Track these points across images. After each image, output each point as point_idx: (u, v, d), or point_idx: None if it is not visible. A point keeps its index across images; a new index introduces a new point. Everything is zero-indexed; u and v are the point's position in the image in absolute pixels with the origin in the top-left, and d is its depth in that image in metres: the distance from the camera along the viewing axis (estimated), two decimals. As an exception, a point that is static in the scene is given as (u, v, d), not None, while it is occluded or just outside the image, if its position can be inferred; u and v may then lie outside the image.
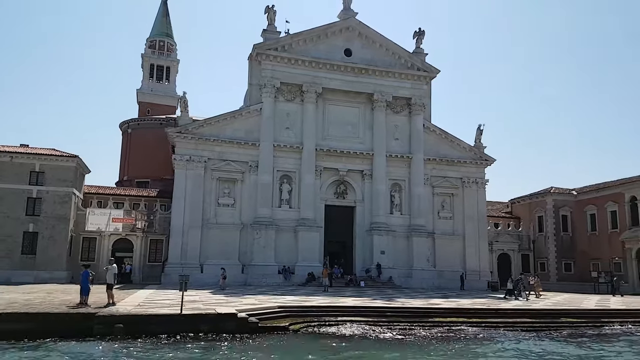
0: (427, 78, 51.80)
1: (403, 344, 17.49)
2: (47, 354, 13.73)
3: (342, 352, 15.67)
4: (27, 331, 15.02)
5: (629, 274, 47.32)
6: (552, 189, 56.71)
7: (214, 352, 14.54)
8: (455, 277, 48.31)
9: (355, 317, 20.16)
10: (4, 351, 13.62)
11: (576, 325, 21.55)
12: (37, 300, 21.48)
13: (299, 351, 15.54)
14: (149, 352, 14.02)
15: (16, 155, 42.21)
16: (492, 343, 18.19)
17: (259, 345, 15.71)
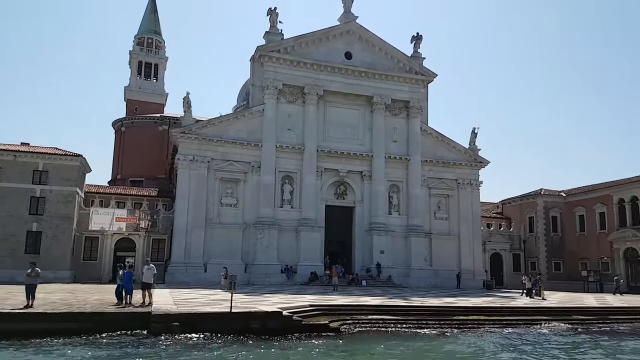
0: (425, 82, 53.05)
1: (450, 338, 18.61)
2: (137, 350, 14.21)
3: (405, 345, 16.58)
4: (82, 330, 15.49)
5: (617, 273, 49.23)
6: (542, 190, 58.60)
7: (292, 349, 15.29)
8: (450, 277, 49.65)
9: (383, 315, 21.05)
10: (90, 348, 14.06)
11: (589, 322, 22.87)
12: (70, 300, 21.81)
13: (365, 345, 16.42)
14: (229, 349, 14.62)
15: (19, 154, 42.02)
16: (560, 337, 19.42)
17: (326, 342, 16.52)
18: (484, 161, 54.23)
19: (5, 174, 41.35)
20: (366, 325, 19.71)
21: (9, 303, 19.71)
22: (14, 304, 19.27)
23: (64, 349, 14.14)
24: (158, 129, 71.67)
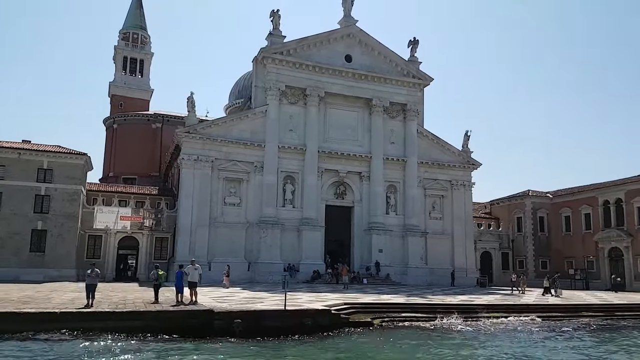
0: (421, 85, 54.57)
1: (488, 333, 19.99)
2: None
3: (458, 340, 17.79)
4: (149, 328, 16.21)
5: (602, 271, 51.81)
6: (530, 191, 60.92)
7: (365, 342, 16.35)
8: (444, 274, 51.35)
9: (412, 312, 22.26)
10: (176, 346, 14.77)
11: (600, 317, 24.63)
12: (113, 298, 22.36)
13: (420, 341, 17.67)
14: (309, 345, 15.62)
15: (24, 151, 41.85)
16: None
17: (385, 338, 17.65)
18: (476, 163, 56.10)
19: (9, 172, 41.15)
20: (403, 321, 20.87)
21: (57, 302, 20.20)
22: (63, 303, 19.80)
23: (160, 345, 14.88)
24: (151, 126, 71.54)
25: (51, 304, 18.98)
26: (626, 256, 49.84)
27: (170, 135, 70.59)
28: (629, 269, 49.23)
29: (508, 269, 58.44)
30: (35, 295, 23.66)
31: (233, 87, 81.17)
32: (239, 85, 78.73)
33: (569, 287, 51.44)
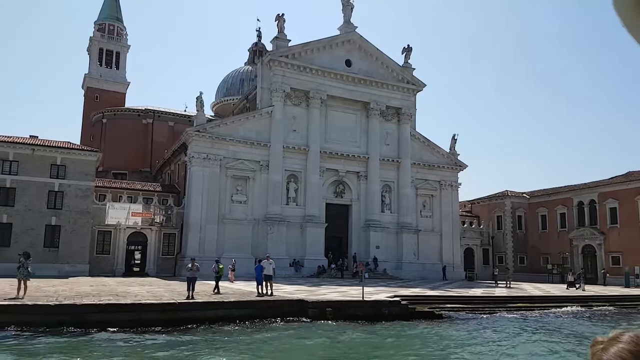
0: (415, 91, 57.61)
1: (543, 322, 23.12)
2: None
3: (525, 324, 20.58)
4: (247, 316, 18.09)
5: (576, 266, 56.36)
6: (508, 192, 65.23)
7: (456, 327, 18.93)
8: (433, 269, 54.70)
9: (451, 304, 24.91)
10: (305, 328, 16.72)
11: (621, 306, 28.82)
12: (181, 291, 23.99)
13: (492, 325, 20.38)
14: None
15: (37, 147, 42.09)
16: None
17: (450, 325, 20.28)
18: (462, 165, 59.72)
19: (23, 167, 41.34)
20: (451, 311, 23.49)
21: (142, 295, 21.70)
22: (138, 295, 21.34)
23: (281, 329, 16.88)
24: (142, 122, 71.64)
25: (141, 297, 20.49)
26: (599, 253, 54.62)
27: (161, 131, 71.46)
28: (601, 264, 53.98)
29: (488, 264, 62.52)
30: (103, 289, 24.92)
31: (220, 84, 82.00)
32: (227, 82, 79.75)
33: (545, 281, 55.93)
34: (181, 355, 13.48)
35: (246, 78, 77.58)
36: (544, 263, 60.02)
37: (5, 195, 40.76)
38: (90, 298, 19.46)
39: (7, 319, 15.47)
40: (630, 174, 54.74)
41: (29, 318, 15.65)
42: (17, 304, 16.62)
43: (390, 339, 16.59)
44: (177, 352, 13.88)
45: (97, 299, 19.40)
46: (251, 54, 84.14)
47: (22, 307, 16.20)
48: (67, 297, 19.83)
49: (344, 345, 15.32)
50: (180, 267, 45.55)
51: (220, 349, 14.33)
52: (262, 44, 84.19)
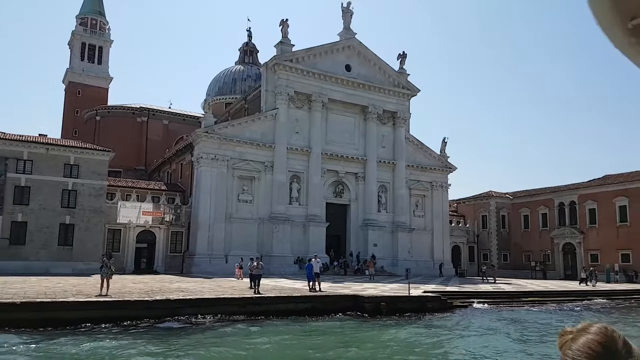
0: (409, 95, 60.21)
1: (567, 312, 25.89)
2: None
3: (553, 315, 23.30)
4: (311, 310, 20.00)
5: (556, 263, 60.39)
6: (492, 192, 68.78)
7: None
8: (426, 266, 57.57)
9: (478, 298, 27.31)
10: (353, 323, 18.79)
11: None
12: (218, 288, 25.69)
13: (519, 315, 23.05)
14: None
15: (51, 147, 42.67)
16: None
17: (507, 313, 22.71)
18: (452, 167, 62.78)
19: (38, 166, 41.87)
20: (479, 304, 25.95)
21: (201, 292, 23.31)
22: (193, 290, 22.98)
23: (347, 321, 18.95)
24: (136, 120, 71.93)
25: (202, 293, 22.13)
26: (578, 250, 58.59)
27: (156, 129, 72.05)
28: (581, 261, 57.93)
29: (474, 261, 65.95)
30: (155, 285, 26.37)
31: (212, 83, 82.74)
32: (219, 81, 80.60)
33: (528, 277, 59.59)
34: (305, 341, 15.42)
35: (238, 77, 78.72)
36: (526, 260, 63.77)
37: (20, 194, 41.23)
38: (158, 294, 20.98)
39: (117, 314, 16.92)
40: (607, 177, 58.87)
41: (133, 313, 17.12)
42: (124, 300, 18.04)
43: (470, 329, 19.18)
44: (291, 338, 15.84)
45: (163, 295, 20.89)
46: (242, 54, 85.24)
47: (128, 303, 17.63)
48: (138, 294, 21.26)
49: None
50: (189, 265, 46.97)
51: (321, 335, 16.37)
52: (252, 44, 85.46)
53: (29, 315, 15.67)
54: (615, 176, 57.80)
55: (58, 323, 16.00)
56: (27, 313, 15.66)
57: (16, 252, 40.38)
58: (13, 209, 40.81)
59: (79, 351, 13.32)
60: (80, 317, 16.39)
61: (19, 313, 15.77)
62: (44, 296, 18.77)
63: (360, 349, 14.76)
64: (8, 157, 40.98)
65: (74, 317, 16.27)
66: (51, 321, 15.88)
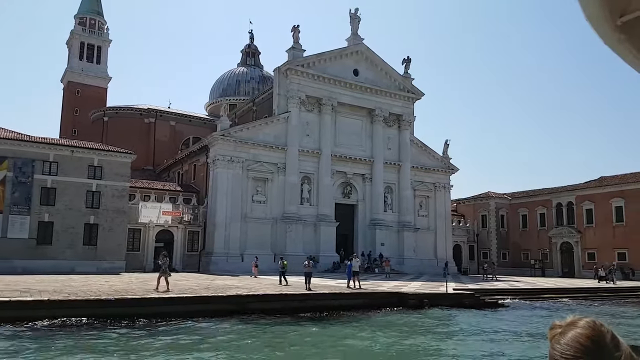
0: (414, 99, 62.30)
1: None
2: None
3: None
4: (361, 305, 21.83)
5: (554, 261, 62.99)
6: (491, 193, 71.22)
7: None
8: (430, 264, 59.65)
9: (505, 295, 29.31)
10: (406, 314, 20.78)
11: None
12: (258, 285, 27.40)
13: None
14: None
15: (76, 149, 43.86)
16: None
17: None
18: (454, 168, 65.04)
19: (63, 168, 43.04)
20: (507, 300, 28.01)
21: (250, 289, 24.98)
22: (238, 287, 24.65)
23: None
24: (144, 121, 72.91)
25: (253, 290, 23.80)
26: (576, 249, 61.24)
27: (163, 130, 73.17)
28: (578, 259, 60.62)
29: (474, 259, 68.35)
30: (202, 283, 27.96)
31: (215, 85, 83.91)
32: (223, 83, 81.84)
33: (527, 274, 62.05)
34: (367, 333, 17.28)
35: (242, 79, 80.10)
36: (524, 259, 66.30)
37: (46, 195, 42.40)
38: (218, 290, 22.63)
39: (201, 308, 18.53)
40: (603, 179, 61.59)
41: (213, 307, 18.74)
42: (207, 296, 19.64)
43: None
44: (356, 328, 17.65)
45: (222, 291, 22.55)
46: (244, 55, 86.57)
47: (211, 298, 19.24)
48: (196, 290, 22.86)
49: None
50: (206, 263, 48.44)
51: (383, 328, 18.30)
52: (254, 46, 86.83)
53: (120, 310, 17.22)
54: (611, 178, 60.51)
55: (145, 316, 17.62)
56: (120, 309, 17.21)
57: (43, 252, 41.57)
58: (40, 209, 41.98)
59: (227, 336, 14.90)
60: (164, 311, 17.98)
61: (113, 309, 17.31)
62: (115, 293, 20.29)
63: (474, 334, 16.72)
64: (35, 159, 42.10)
65: (159, 311, 17.86)
66: (141, 316, 17.47)
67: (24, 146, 42.11)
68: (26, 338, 14.45)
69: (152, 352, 13.49)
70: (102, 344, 14.16)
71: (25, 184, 41.73)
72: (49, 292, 19.34)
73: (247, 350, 14.08)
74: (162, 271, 22.08)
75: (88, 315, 16.62)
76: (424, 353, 14.46)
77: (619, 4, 1.26)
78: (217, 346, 14.43)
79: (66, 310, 16.17)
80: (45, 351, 13.06)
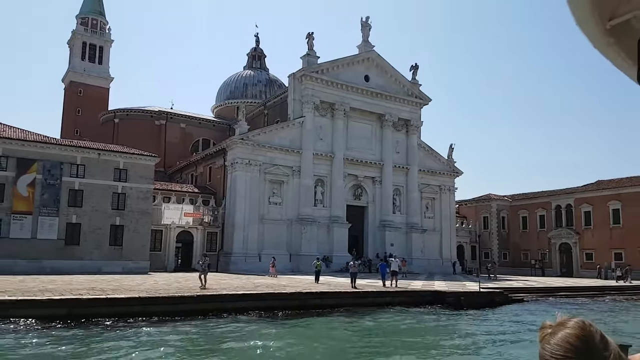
0: (421, 104, 64.38)
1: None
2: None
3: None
4: (404, 303, 23.70)
5: (553, 261, 65.53)
6: (492, 195, 73.65)
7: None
8: (436, 264, 61.84)
9: (523, 294, 31.39)
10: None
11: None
12: (299, 284, 29.17)
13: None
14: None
15: (103, 152, 45.17)
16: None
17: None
18: (459, 171, 67.30)
19: (90, 171, 44.31)
20: (531, 299, 30.10)
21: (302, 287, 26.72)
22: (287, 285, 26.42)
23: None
24: (154, 122, 74.07)
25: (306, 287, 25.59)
26: (574, 250, 63.84)
27: (174, 132, 74.40)
28: (576, 259, 63.23)
29: (476, 259, 70.72)
30: (236, 283, 29.60)
31: (222, 88, 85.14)
32: (230, 85, 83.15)
33: (527, 274, 64.49)
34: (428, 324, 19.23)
35: (249, 83, 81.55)
36: (524, 259, 68.82)
37: (74, 197, 43.64)
38: (272, 288, 24.40)
39: (252, 305, 20.25)
40: (600, 182, 64.25)
41: (277, 303, 20.49)
42: (261, 293, 21.34)
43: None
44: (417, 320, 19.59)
45: (273, 289, 24.28)
46: (250, 59, 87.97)
47: (264, 295, 20.95)
48: (249, 288, 24.55)
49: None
50: (225, 263, 49.99)
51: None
52: (260, 49, 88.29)
53: (202, 306, 18.90)
54: (608, 181, 63.18)
55: (224, 311, 19.38)
56: (202, 304, 18.88)
57: (71, 252, 42.83)
58: (68, 211, 43.21)
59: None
60: (241, 307, 19.71)
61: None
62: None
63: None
64: (63, 162, 43.33)
65: (237, 307, 19.59)
66: (225, 310, 19.23)
67: (52, 149, 43.30)
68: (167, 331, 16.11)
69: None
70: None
71: (54, 186, 42.93)
72: (137, 291, 20.88)
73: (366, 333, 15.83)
74: (202, 270, 23.94)
75: (175, 312, 18.25)
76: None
77: (608, 7, 1.28)
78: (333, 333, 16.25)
79: (159, 307, 17.76)
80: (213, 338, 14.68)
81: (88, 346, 13.78)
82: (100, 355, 12.89)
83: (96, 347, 13.61)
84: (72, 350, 13.33)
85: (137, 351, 13.31)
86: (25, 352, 12.84)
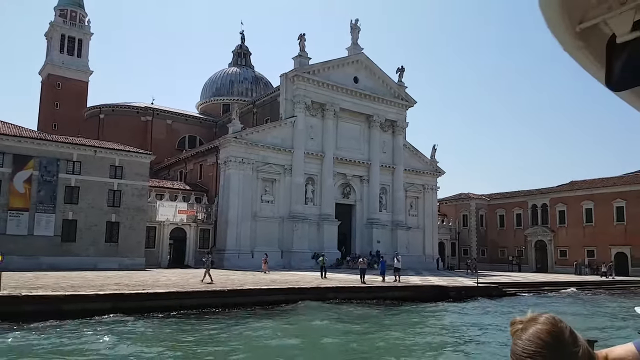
0: (407, 106, 66.33)
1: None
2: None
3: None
4: (408, 297, 25.36)
5: (529, 258, 68.58)
6: (471, 194, 76.34)
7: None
8: (419, 260, 63.93)
9: (514, 288, 33.42)
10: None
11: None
12: (302, 280, 30.52)
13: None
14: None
15: (99, 149, 45.46)
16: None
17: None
18: (441, 171, 69.58)
19: (86, 168, 44.56)
20: (524, 292, 32.17)
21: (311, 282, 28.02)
22: (293, 281, 27.77)
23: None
24: (140, 119, 73.94)
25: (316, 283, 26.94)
26: (549, 247, 66.97)
27: (160, 128, 74.46)
28: (551, 256, 66.36)
29: (455, 255, 73.33)
30: (242, 279, 30.73)
31: (207, 84, 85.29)
32: (216, 82, 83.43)
33: (505, 270, 67.29)
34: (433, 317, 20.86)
35: (235, 80, 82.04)
36: (501, 255, 71.75)
37: (70, 194, 43.81)
38: (277, 284, 25.68)
39: (289, 297, 21.53)
40: (574, 183, 67.52)
41: (296, 296, 21.81)
42: (297, 287, 22.62)
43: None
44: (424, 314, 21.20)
45: (287, 284, 25.58)
46: (235, 56, 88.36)
47: (299, 289, 22.27)
48: (262, 284, 25.77)
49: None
50: (219, 260, 50.77)
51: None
52: (245, 47, 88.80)
53: (231, 300, 20.04)
54: (581, 182, 66.46)
55: (244, 305, 20.57)
56: (232, 299, 20.03)
57: (67, 249, 43.06)
58: (64, 207, 43.36)
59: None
60: (265, 300, 20.94)
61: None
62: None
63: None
64: (59, 158, 43.47)
65: (261, 300, 20.82)
66: (245, 305, 20.39)
67: (48, 146, 43.37)
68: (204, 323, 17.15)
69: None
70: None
71: (50, 183, 43.04)
72: (160, 286, 21.85)
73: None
74: (206, 267, 25.26)
75: (207, 305, 19.37)
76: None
77: (578, 11, 1.29)
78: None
79: (194, 300, 18.83)
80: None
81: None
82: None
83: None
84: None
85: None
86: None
